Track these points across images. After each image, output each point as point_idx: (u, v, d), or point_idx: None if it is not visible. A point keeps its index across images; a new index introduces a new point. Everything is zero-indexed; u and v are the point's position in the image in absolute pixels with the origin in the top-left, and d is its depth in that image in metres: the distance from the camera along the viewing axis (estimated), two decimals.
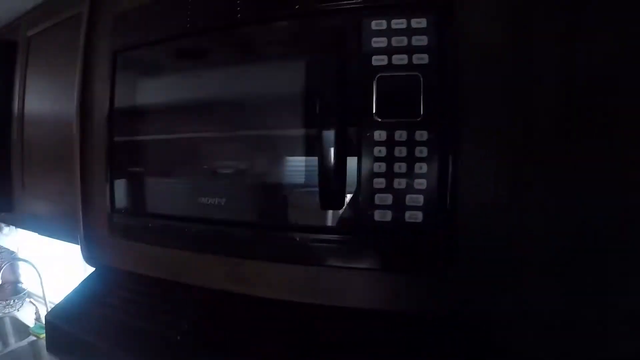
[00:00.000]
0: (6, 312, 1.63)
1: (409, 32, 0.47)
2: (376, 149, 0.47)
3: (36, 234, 1.08)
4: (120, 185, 0.65)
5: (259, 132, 0.54)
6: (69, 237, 0.84)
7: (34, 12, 1.04)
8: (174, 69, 0.61)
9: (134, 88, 0.64)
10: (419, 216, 0.47)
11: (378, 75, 0.47)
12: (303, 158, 0.51)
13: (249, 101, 0.54)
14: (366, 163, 0.48)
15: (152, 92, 0.63)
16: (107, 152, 0.66)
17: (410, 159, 0.46)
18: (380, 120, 0.47)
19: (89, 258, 0.73)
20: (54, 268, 1.59)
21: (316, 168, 0.47)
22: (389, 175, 0.47)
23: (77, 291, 0.70)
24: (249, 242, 0.54)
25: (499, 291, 0.45)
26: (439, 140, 0.46)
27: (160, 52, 0.62)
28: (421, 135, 0.46)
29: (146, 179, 0.63)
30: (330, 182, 0.46)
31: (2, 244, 1.87)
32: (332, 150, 0.46)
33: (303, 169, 0.51)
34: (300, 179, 0.51)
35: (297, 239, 0.51)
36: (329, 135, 0.46)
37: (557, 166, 0.43)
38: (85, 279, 0.73)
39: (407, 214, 0.47)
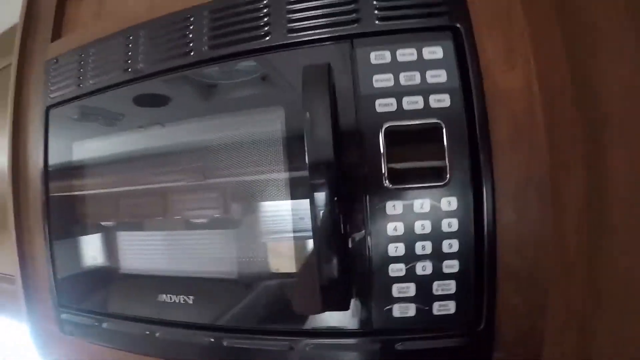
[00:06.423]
0: None
1: (422, 65, 0.35)
2: (390, 226, 0.35)
3: None
4: (65, 278, 0.52)
5: (229, 214, 0.42)
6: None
7: None
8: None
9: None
10: (451, 306, 0.34)
11: (386, 126, 0.35)
12: (292, 243, 0.38)
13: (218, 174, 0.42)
14: (378, 244, 0.35)
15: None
16: (48, 252, 0.53)
17: (437, 236, 0.34)
18: (392, 187, 0.35)
19: (41, 352, 0.59)
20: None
21: (311, 256, 0.34)
22: (410, 258, 0.35)
23: None
24: (228, 352, 0.41)
25: None
26: (473, 208, 0.34)
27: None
28: (449, 203, 0.34)
29: (94, 267, 0.50)
30: (331, 273, 0.34)
31: None
32: (329, 231, 0.33)
33: (293, 257, 0.38)
34: (290, 269, 0.38)
35: (292, 347, 0.38)
36: (325, 212, 0.33)
37: None
38: None
39: (436, 305, 0.35)
